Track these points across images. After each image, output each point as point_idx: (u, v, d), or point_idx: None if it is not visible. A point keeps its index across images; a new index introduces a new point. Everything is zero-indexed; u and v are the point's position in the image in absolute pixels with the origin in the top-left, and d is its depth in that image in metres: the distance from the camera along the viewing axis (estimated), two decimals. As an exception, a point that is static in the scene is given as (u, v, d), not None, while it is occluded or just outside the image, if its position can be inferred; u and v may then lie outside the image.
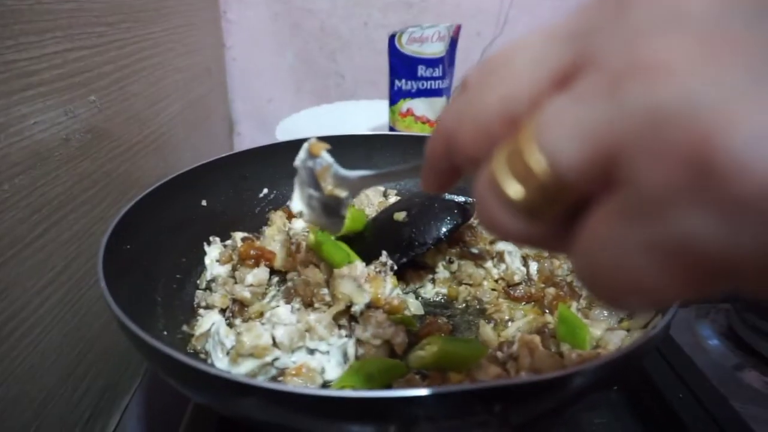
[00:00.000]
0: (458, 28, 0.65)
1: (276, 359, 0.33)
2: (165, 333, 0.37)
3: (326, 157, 0.33)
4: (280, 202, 0.51)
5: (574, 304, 0.39)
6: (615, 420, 0.40)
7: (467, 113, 0.15)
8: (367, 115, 0.75)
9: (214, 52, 0.86)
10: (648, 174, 0.11)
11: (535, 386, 0.25)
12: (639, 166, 0.11)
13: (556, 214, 0.13)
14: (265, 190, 0.52)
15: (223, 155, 0.49)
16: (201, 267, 0.45)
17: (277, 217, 0.47)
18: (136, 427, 0.50)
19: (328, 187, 0.31)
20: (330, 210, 0.31)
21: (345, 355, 0.33)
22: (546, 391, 0.26)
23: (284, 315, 0.34)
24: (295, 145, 0.56)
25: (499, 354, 0.33)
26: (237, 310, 0.37)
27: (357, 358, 0.33)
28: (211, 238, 0.44)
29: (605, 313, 0.38)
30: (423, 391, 0.24)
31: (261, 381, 0.28)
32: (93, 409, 0.52)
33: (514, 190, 0.13)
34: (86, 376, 0.51)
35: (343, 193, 0.31)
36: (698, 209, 0.11)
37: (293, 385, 0.30)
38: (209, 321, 0.36)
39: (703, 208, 0.10)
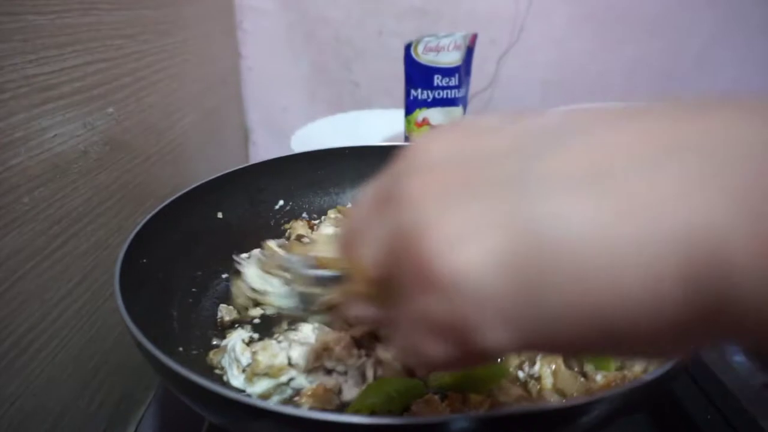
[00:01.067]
0: (474, 37, 0.64)
1: (292, 379, 0.32)
2: (180, 348, 0.36)
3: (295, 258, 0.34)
4: (297, 214, 0.51)
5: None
6: (639, 441, 0.38)
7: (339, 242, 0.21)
8: (382, 124, 0.75)
9: (230, 61, 0.86)
10: (400, 274, 0.16)
11: (562, 412, 0.24)
12: (397, 269, 0.16)
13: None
14: (281, 202, 0.52)
15: (239, 167, 0.49)
16: (218, 281, 0.45)
17: (299, 227, 0.47)
18: (152, 438, 0.50)
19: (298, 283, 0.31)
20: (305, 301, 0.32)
21: (363, 376, 0.32)
22: (574, 417, 0.25)
23: (307, 333, 0.33)
24: (311, 155, 0.56)
25: (520, 373, 0.33)
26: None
27: (375, 379, 0.32)
28: (236, 258, 0.42)
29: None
30: (444, 418, 0.24)
31: (274, 404, 0.28)
32: (108, 421, 0.52)
33: (359, 286, 0.19)
34: (102, 387, 0.51)
35: (316, 290, 0.31)
36: (425, 292, 0.15)
37: (309, 406, 0.30)
38: (230, 337, 0.36)
39: (427, 291, 0.15)
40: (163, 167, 0.64)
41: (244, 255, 0.45)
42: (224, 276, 0.45)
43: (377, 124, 0.75)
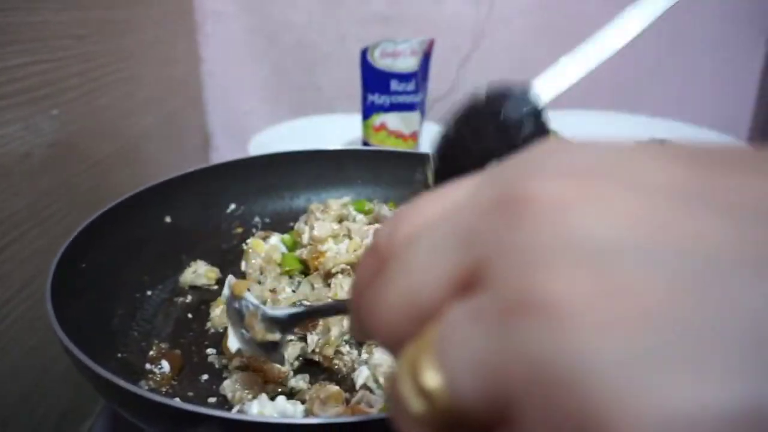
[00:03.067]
0: (432, 43, 0.65)
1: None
2: (119, 355, 0.35)
3: (251, 300, 0.31)
4: (248, 218, 0.50)
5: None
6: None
7: (371, 306, 0.14)
8: (342, 129, 0.75)
9: (189, 65, 0.85)
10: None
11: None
12: (526, 423, 0.10)
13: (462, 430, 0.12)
14: (233, 206, 0.51)
15: (189, 170, 0.48)
16: (163, 285, 0.44)
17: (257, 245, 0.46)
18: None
19: (258, 334, 0.29)
20: (267, 347, 0.30)
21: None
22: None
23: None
24: (265, 159, 0.55)
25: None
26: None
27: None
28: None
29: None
30: (379, 415, 0.24)
31: (211, 409, 0.27)
32: (56, 429, 0.50)
33: (413, 402, 0.12)
34: (45, 399, 0.49)
35: (276, 336, 0.29)
36: None
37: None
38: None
39: None
40: (117, 171, 0.63)
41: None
42: (170, 280, 0.44)
43: (338, 129, 0.75)
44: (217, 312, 0.40)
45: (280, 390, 0.33)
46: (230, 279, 0.34)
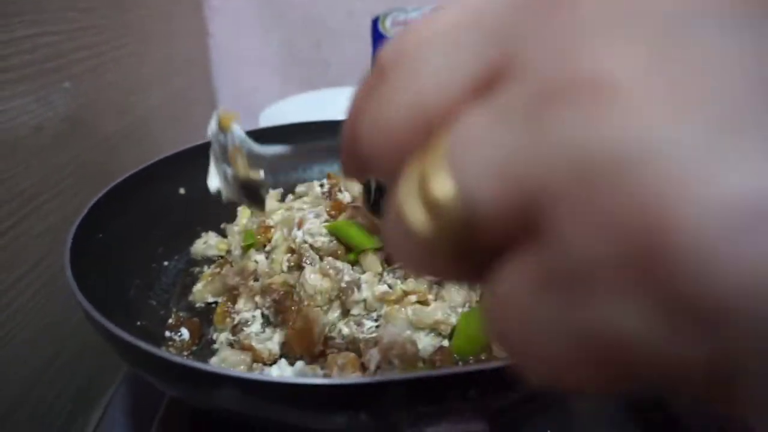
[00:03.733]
0: (443, 12, 0.63)
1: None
2: (138, 323, 0.36)
3: (237, 133, 0.29)
4: (261, 190, 0.50)
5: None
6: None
7: (372, 116, 0.12)
8: (352, 103, 0.74)
9: (197, 40, 0.84)
10: (574, 237, 0.08)
11: (511, 370, 0.24)
12: (564, 224, 0.08)
13: (472, 252, 0.10)
14: (246, 178, 0.51)
15: (201, 142, 0.48)
16: (179, 256, 0.44)
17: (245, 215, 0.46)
18: (121, 421, 0.49)
19: (242, 169, 0.27)
20: (249, 190, 0.28)
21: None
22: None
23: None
24: (277, 130, 0.55)
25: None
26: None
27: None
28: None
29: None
30: (397, 377, 0.24)
31: (233, 370, 0.27)
32: (73, 405, 0.51)
33: (419, 221, 0.10)
34: (64, 372, 0.49)
35: (259, 175, 0.27)
36: (633, 298, 0.08)
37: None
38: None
39: (640, 299, 0.08)
40: (127, 147, 0.63)
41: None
42: (186, 251, 0.44)
43: (347, 102, 0.74)
44: (199, 287, 0.40)
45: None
46: (218, 110, 0.31)
